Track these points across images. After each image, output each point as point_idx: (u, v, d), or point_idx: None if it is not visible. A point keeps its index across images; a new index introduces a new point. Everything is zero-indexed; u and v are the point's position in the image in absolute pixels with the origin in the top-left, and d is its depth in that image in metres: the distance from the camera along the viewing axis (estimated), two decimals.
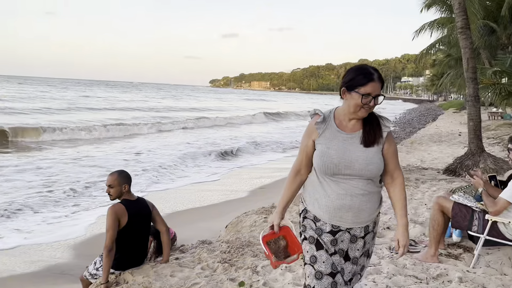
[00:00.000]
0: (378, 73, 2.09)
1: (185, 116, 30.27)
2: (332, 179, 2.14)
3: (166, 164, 12.01)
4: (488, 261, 3.85)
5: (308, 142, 2.22)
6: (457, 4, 8.90)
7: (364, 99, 2.06)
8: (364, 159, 2.10)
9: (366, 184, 2.15)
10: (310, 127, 2.22)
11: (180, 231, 5.40)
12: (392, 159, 2.21)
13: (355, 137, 2.15)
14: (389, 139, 2.19)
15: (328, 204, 2.15)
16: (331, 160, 2.10)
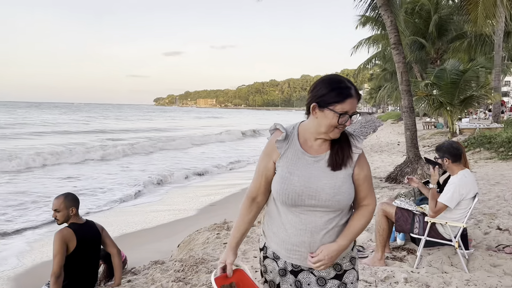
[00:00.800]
0: (354, 86, 1.75)
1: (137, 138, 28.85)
2: (291, 211, 1.79)
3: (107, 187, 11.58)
4: (430, 261, 4.10)
5: (268, 164, 1.84)
6: (389, 22, 9.51)
7: (341, 119, 1.71)
8: (331, 187, 1.74)
9: (333, 217, 1.79)
10: (269, 145, 1.85)
11: (130, 254, 5.26)
12: (364, 185, 1.83)
13: (321, 160, 1.79)
14: (360, 162, 1.82)
15: (286, 240, 1.81)
16: (293, 188, 1.74)
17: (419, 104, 18.04)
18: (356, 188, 1.83)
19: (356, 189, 1.83)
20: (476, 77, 17.43)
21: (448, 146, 4.09)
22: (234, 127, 44.94)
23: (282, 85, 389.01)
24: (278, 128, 1.85)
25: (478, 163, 11.19)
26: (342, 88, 1.72)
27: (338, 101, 1.70)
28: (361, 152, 1.83)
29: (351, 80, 1.79)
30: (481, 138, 13.78)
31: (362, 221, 1.83)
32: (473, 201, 3.98)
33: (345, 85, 1.73)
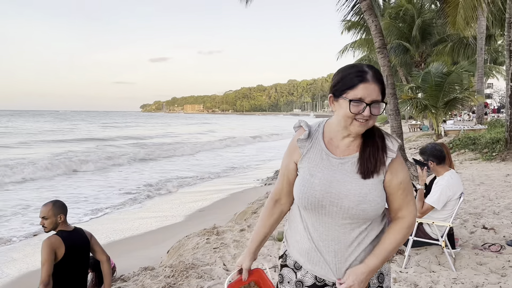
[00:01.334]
0: (374, 71, 1.52)
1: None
2: (314, 217, 1.60)
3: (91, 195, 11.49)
4: (418, 260, 4.16)
5: (289, 164, 1.68)
6: (373, 26, 9.65)
7: (354, 107, 1.48)
8: (356, 194, 1.52)
9: (359, 230, 1.57)
10: (292, 144, 1.69)
11: (119, 261, 5.23)
12: (397, 194, 1.59)
13: (347, 163, 1.57)
14: (393, 167, 1.58)
15: (309, 251, 1.62)
16: (312, 192, 1.56)
17: (403, 107, 18.30)
18: (389, 197, 1.60)
19: (389, 198, 1.60)
20: (459, 80, 17.76)
21: (431, 149, 4.17)
22: (235, 133, 44.75)
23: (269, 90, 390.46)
24: (301, 126, 1.66)
25: (463, 164, 11.36)
26: (356, 72, 1.50)
27: (350, 86, 1.49)
28: (395, 156, 1.58)
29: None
30: (465, 139, 14.01)
31: (397, 237, 1.59)
32: (458, 201, 4.06)
33: (358, 69, 1.51)
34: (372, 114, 1.49)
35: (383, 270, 1.67)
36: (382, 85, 1.52)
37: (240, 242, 5.16)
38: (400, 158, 1.62)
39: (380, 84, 1.50)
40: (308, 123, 1.68)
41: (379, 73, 1.53)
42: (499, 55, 33.10)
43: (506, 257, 4.11)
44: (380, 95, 1.50)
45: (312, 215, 1.60)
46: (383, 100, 1.52)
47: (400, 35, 24.08)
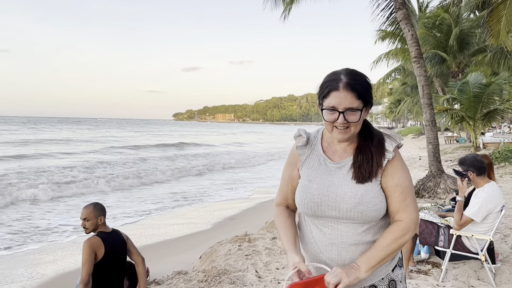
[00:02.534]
0: (348, 77, 1.48)
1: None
2: (314, 223, 1.62)
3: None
4: (456, 274, 4.04)
5: (293, 172, 1.70)
6: (409, 35, 9.51)
7: (327, 115, 1.50)
8: (352, 196, 1.52)
9: (361, 230, 1.55)
10: (292, 152, 1.72)
11: (152, 266, 5.32)
12: (394, 196, 1.55)
13: (344, 167, 1.58)
14: (389, 169, 1.56)
15: (314, 257, 1.62)
16: (311, 197, 1.57)
17: (439, 118, 17.83)
18: (387, 199, 1.57)
19: (387, 200, 1.57)
20: (499, 91, 17.17)
21: (472, 159, 4.06)
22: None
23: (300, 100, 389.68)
24: (300, 134, 1.69)
25: (503, 178, 10.94)
26: (328, 82, 1.51)
27: (324, 96, 1.51)
28: (391, 157, 1.55)
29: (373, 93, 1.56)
30: (506, 152, 13.52)
31: (388, 238, 1.52)
32: (500, 214, 3.93)
33: (331, 78, 1.50)
34: (348, 121, 1.48)
35: (395, 276, 1.62)
36: (359, 91, 1.47)
37: (272, 250, 5.16)
38: (399, 160, 1.59)
39: (354, 91, 1.46)
40: (307, 131, 1.70)
41: (355, 79, 1.49)
42: None
43: None
44: (355, 101, 1.47)
45: (313, 221, 1.61)
46: (366, 104, 1.50)
47: (437, 45, 23.55)
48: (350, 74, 1.49)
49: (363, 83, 1.51)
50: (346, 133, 1.52)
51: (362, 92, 1.49)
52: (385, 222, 1.61)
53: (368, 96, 1.52)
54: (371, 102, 1.53)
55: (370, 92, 1.53)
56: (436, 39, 23.66)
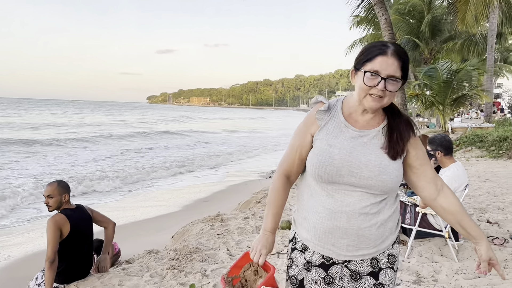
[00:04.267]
0: (397, 47, 1.50)
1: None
2: (326, 190, 1.57)
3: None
4: (421, 251, 4.17)
5: (305, 138, 1.63)
6: (383, 19, 9.60)
7: (368, 79, 1.47)
8: (376, 165, 1.51)
9: (375, 202, 1.55)
10: (309, 117, 1.65)
11: (123, 246, 5.27)
12: (428, 164, 1.63)
13: (367, 136, 1.57)
14: (415, 143, 1.62)
15: (317, 225, 1.57)
16: (331, 161, 1.52)
17: (410, 103, 18.21)
18: (420, 169, 1.61)
19: (421, 170, 1.61)
20: (469, 77, 17.62)
21: (441, 139, 4.16)
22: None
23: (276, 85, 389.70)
24: (320, 101, 1.65)
25: (470, 161, 11.32)
26: (376, 46, 1.50)
27: (368, 59, 1.48)
28: (415, 133, 1.62)
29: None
30: (473, 137, 13.94)
31: (459, 200, 1.63)
32: (463, 193, 4.06)
33: (381, 43, 1.50)
34: (387, 89, 1.47)
35: (394, 252, 1.65)
36: (404, 63, 1.49)
37: (244, 229, 5.20)
38: (417, 136, 1.65)
39: (400, 61, 1.48)
40: (326, 99, 1.68)
41: (403, 51, 1.50)
42: (510, 54, 32.81)
43: (509, 250, 4.11)
44: (399, 71, 1.48)
45: (324, 187, 1.56)
46: (404, 78, 1.50)
47: (410, 31, 23.90)
48: (398, 45, 1.52)
49: (406, 57, 1.52)
50: (379, 102, 1.51)
51: (405, 64, 1.50)
52: (393, 196, 1.62)
53: (407, 71, 1.54)
54: (406, 78, 1.55)
55: (409, 69, 1.57)
56: (409, 25, 24.01)
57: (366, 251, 1.57)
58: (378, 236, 1.57)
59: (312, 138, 1.61)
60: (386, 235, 1.59)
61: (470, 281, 3.42)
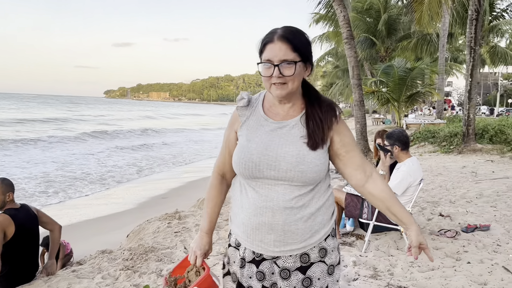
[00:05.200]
0: (283, 29, 1.46)
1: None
2: (251, 185, 1.55)
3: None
4: (377, 245, 4.23)
5: (230, 134, 1.64)
6: (342, 17, 9.71)
7: (264, 69, 1.47)
8: (294, 155, 1.48)
9: (300, 194, 1.51)
10: (233, 114, 1.66)
11: (76, 247, 5.04)
12: (355, 150, 1.59)
13: (286, 127, 1.53)
14: (340, 129, 1.57)
15: (245, 222, 1.56)
16: (249, 157, 1.50)
17: (367, 100, 18.65)
18: (347, 155, 1.57)
19: (348, 156, 1.57)
20: (422, 76, 18.25)
21: (398, 134, 4.22)
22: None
23: (237, 80, 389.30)
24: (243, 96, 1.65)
25: (423, 156, 11.71)
26: (265, 36, 1.48)
27: (261, 51, 1.47)
28: (339, 118, 1.56)
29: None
30: (426, 132, 14.45)
31: (388, 186, 1.61)
32: (418, 187, 4.14)
33: (268, 32, 1.48)
34: (284, 75, 1.44)
35: (326, 245, 1.59)
36: (293, 42, 1.43)
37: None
38: (343, 120, 1.59)
39: (289, 43, 1.43)
40: (249, 94, 1.65)
41: (291, 31, 1.46)
42: (460, 54, 34.30)
43: (460, 243, 4.24)
44: (290, 53, 1.43)
45: (249, 183, 1.55)
46: (303, 57, 1.46)
47: (367, 29, 24.45)
48: (286, 27, 1.47)
49: (299, 36, 1.47)
50: (283, 89, 1.47)
51: (297, 44, 1.45)
52: (322, 187, 1.57)
53: (306, 51, 1.48)
54: (310, 59, 1.50)
55: (308, 48, 1.50)
56: (366, 24, 24.55)
57: (294, 246, 1.53)
58: (305, 231, 1.53)
59: (236, 135, 1.61)
60: (315, 229, 1.55)
61: (424, 274, 3.48)
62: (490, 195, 6.33)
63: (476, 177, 8.03)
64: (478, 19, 11.19)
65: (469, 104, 11.63)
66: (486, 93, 59.53)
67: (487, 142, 11.93)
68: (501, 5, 20.13)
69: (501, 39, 23.85)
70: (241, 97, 1.63)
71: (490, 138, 12.05)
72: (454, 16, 17.86)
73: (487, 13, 19.14)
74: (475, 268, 3.54)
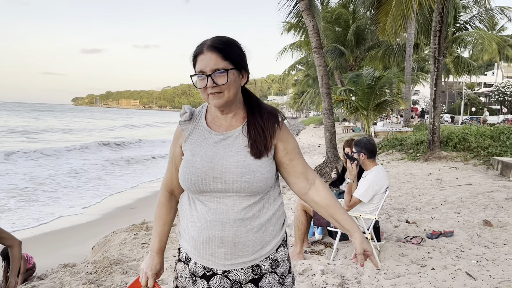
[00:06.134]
0: (212, 39, 1.48)
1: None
2: (199, 199, 1.53)
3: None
4: (345, 253, 4.26)
5: (175, 150, 1.62)
6: (311, 26, 9.84)
7: (198, 81, 1.48)
8: (239, 166, 1.47)
9: (249, 205, 1.50)
10: (176, 129, 1.64)
11: (38, 260, 4.85)
12: (298, 158, 1.58)
13: (230, 138, 1.53)
14: (283, 136, 1.56)
15: (195, 236, 1.53)
16: (195, 171, 1.49)
17: (337, 108, 18.96)
18: (290, 163, 1.56)
19: (291, 164, 1.57)
20: (390, 84, 18.72)
21: (366, 142, 4.28)
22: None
23: None
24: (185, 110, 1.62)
25: (391, 164, 11.95)
26: (196, 48, 1.49)
27: (194, 64, 1.49)
28: (282, 125, 1.57)
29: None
30: (393, 140, 14.77)
31: (331, 193, 1.61)
32: (384, 195, 4.21)
33: (198, 44, 1.50)
34: (218, 84, 1.44)
35: (278, 256, 1.58)
36: (223, 51, 1.45)
37: (169, 238, 4.99)
38: (286, 127, 1.60)
39: (219, 52, 1.44)
40: (191, 107, 1.64)
41: (220, 40, 1.48)
42: (426, 64, 35.39)
43: (426, 249, 4.33)
44: (221, 62, 1.44)
45: (197, 197, 1.53)
46: (235, 65, 1.46)
47: (336, 39, 24.92)
48: (215, 38, 1.49)
49: (228, 44, 1.48)
50: (220, 98, 1.47)
51: (228, 52, 1.46)
52: (271, 197, 1.56)
53: (238, 58, 1.49)
54: (244, 66, 1.51)
55: (240, 55, 1.50)
56: (335, 34, 25.03)
57: (245, 258, 1.52)
58: (256, 242, 1.52)
59: (181, 150, 1.59)
60: (266, 240, 1.54)
61: (391, 281, 3.52)
62: (454, 202, 6.51)
63: (441, 184, 8.25)
64: (442, 30, 11.58)
65: (434, 113, 11.97)
66: (451, 101, 61.61)
67: (451, 149, 12.29)
68: (464, 17, 20.83)
69: (464, 49, 24.81)
70: (184, 111, 1.61)
71: (454, 145, 12.42)
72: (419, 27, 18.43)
73: (451, 25, 19.84)
74: (439, 274, 3.62)
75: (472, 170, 10.09)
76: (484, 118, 36.99)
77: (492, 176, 9.36)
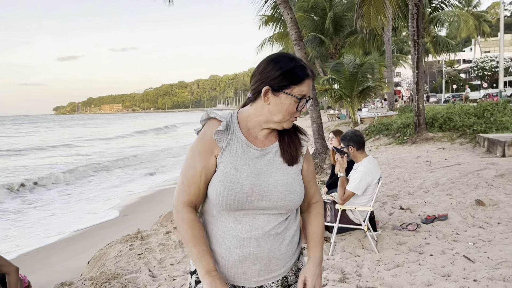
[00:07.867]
0: (308, 65, 1.50)
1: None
2: (232, 216, 1.45)
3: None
4: (343, 246, 4.26)
5: (209, 161, 1.45)
6: (289, 18, 9.80)
7: (292, 102, 1.43)
8: (283, 184, 1.45)
9: (281, 221, 1.48)
10: (207, 138, 1.47)
11: (32, 278, 4.74)
12: (313, 180, 1.61)
13: (269, 153, 1.49)
14: (307, 156, 1.59)
15: (225, 256, 1.46)
16: (240, 187, 1.40)
17: (321, 97, 18.98)
18: (306, 184, 1.57)
19: (306, 185, 1.57)
20: (371, 70, 18.78)
21: (351, 135, 4.27)
22: None
23: (191, 86, 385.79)
24: (213, 117, 1.49)
25: (379, 149, 12.03)
26: (298, 67, 1.43)
27: (295, 83, 1.41)
28: (307, 145, 1.59)
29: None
30: (379, 125, 14.86)
31: (320, 220, 1.62)
32: (377, 186, 4.21)
33: (300, 64, 1.44)
34: (306, 109, 1.54)
35: (300, 264, 1.61)
36: (314, 79, 1.53)
37: (166, 246, 4.94)
38: (308, 149, 1.63)
39: (314, 79, 1.51)
40: (219, 114, 1.52)
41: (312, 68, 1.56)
42: (405, 45, 35.61)
43: (422, 235, 4.36)
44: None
45: (230, 214, 1.44)
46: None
47: (315, 28, 24.87)
48: (303, 61, 1.51)
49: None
50: (294, 120, 1.52)
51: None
52: (295, 215, 1.57)
53: None
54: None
55: None
56: (313, 23, 24.98)
57: (277, 272, 1.51)
58: (288, 255, 1.52)
59: (216, 161, 1.46)
60: (293, 251, 1.55)
61: (391, 271, 3.53)
62: (445, 183, 6.57)
63: (430, 166, 8.32)
64: (419, 13, 11.64)
65: (417, 95, 12.07)
66: (432, 80, 62.27)
67: (437, 130, 12.42)
68: None
69: (441, 28, 25.01)
70: (208, 116, 1.50)
71: (440, 126, 12.56)
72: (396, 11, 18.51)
73: (426, 5, 19.97)
74: (438, 260, 3.64)
75: (459, 149, 10.21)
76: (466, 95, 37.47)
77: (479, 153, 9.49)
